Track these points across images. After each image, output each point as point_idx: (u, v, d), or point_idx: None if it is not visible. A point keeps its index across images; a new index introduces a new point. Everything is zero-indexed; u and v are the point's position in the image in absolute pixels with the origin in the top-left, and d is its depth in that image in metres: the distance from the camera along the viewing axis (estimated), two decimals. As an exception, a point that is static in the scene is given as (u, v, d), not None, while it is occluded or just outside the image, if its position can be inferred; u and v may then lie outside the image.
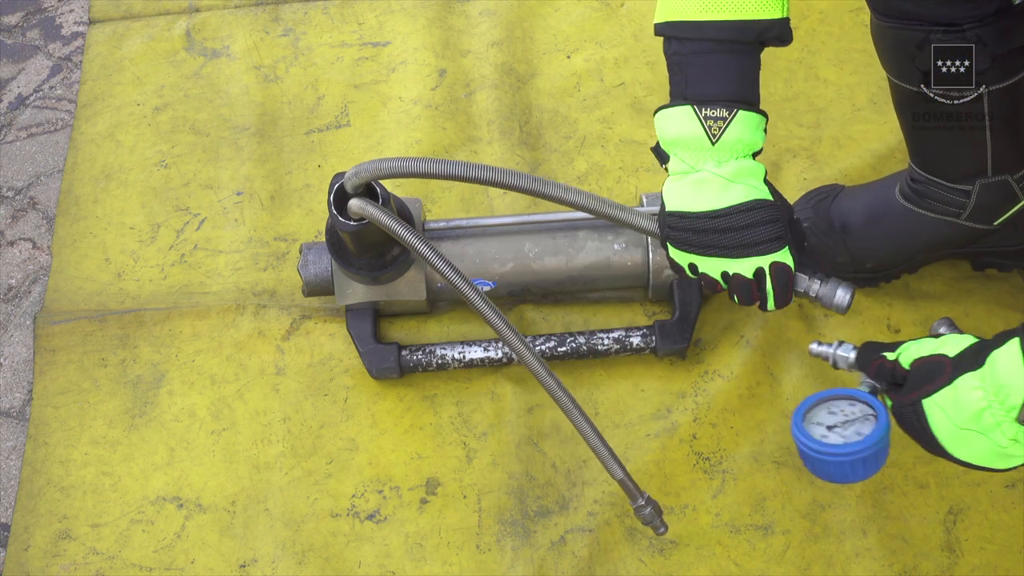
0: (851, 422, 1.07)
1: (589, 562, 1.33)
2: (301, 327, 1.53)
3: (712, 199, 1.12)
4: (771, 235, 1.12)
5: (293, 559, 1.36)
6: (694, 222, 1.13)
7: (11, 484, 1.44)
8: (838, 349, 1.14)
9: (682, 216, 1.14)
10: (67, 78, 1.86)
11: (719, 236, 1.12)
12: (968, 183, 1.36)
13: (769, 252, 1.13)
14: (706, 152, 1.13)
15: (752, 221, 1.12)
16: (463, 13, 1.87)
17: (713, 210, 1.12)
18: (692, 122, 1.13)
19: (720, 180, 1.12)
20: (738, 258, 1.13)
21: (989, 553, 1.32)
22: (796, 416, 1.09)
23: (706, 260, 1.15)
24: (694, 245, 1.14)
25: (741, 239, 1.12)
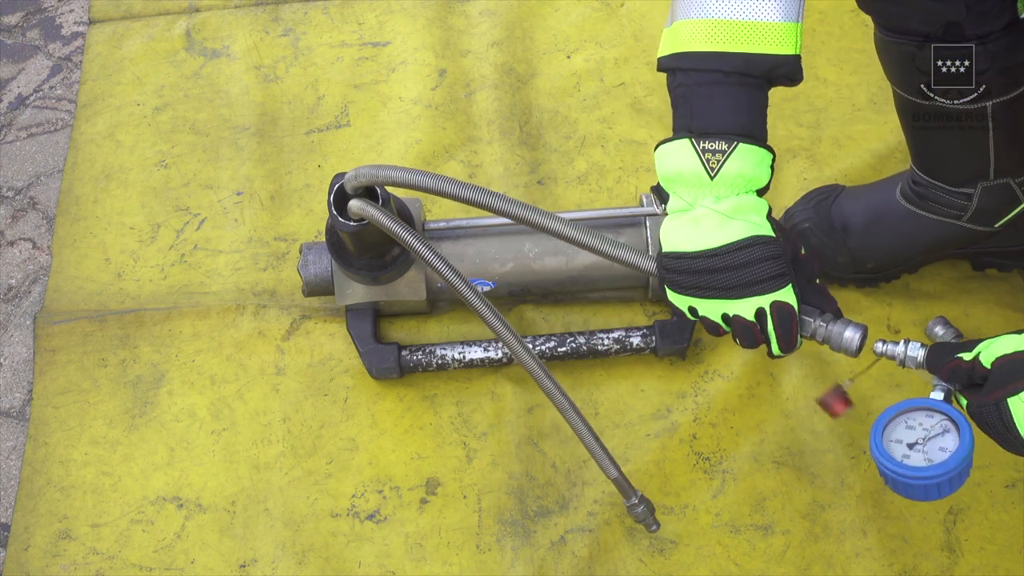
0: (932, 438, 1.04)
1: (589, 562, 1.33)
2: (301, 327, 1.53)
3: (708, 237, 1.05)
4: (770, 273, 1.05)
5: (293, 559, 1.36)
6: (690, 263, 1.06)
7: (11, 484, 1.44)
8: (907, 349, 1.07)
9: (678, 257, 1.07)
10: (67, 78, 1.86)
11: (715, 276, 1.05)
12: (970, 186, 1.36)
13: (769, 291, 1.05)
14: (704, 188, 1.07)
15: (749, 259, 1.05)
16: (463, 13, 1.87)
17: (708, 249, 1.05)
18: (690, 156, 1.07)
19: (717, 216, 1.06)
20: (736, 299, 1.06)
21: (989, 553, 1.32)
22: (875, 435, 1.04)
23: (704, 303, 1.08)
24: (691, 287, 1.07)
25: (738, 279, 1.05)
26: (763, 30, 1.06)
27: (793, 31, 1.07)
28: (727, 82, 1.07)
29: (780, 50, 1.07)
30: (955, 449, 1.01)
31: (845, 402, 1.15)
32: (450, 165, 1.69)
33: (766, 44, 1.06)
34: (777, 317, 1.06)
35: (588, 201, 1.64)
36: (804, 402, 1.43)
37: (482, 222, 1.48)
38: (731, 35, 1.06)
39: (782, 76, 1.08)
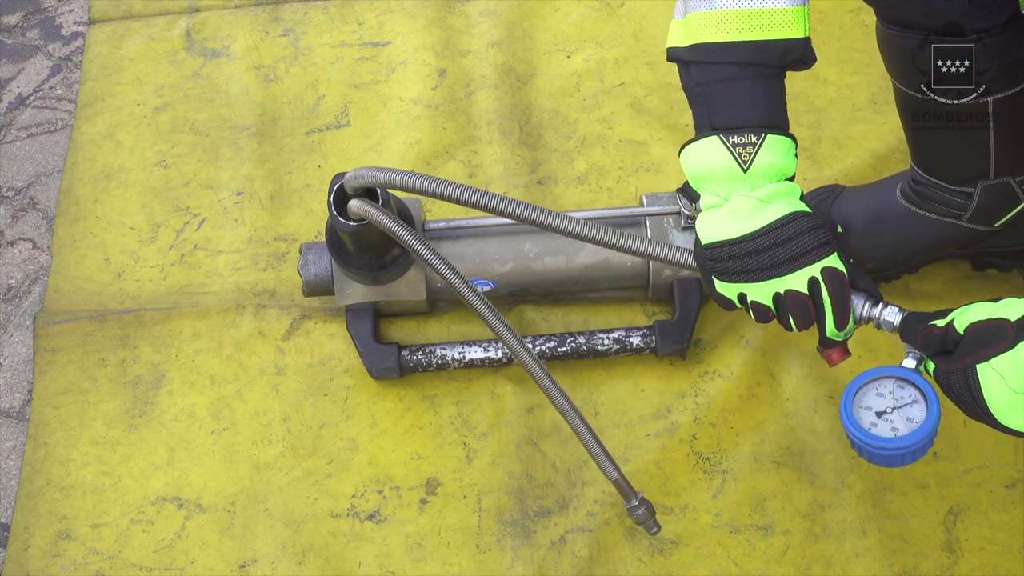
0: (900, 407, 1.05)
1: (589, 562, 1.33)
2: (301, 327, 1.53)
3: (748, 222, 1.07)
4: (817, 242, 1.06)
5: (293, 559, 1.36)
6: (735, 248, 1.07)
7: (11, 484, 1.44)
8: (884, 313, 1.07)
9: (721, 245, 1.08)
10: (67, 78, 1.86)
11: (764, 256, 1.06)
12: (970, 185, 1.36)
13: (818, 259, 1.06)
14: (738, 181, 1.08)
15: (793, 232, 1.06)
16: (463, 13, 1.87)
17: (751, 232, 1.06)
18: (721, 152, 1.08)
19: (755, 202, 1.07)
20: (788, 273, 1.06)
21: (989, 553, 1.31)
22: (846, 401, 1.06)
23: (755, 286, 1.08)
24: (740, 272, 1.08)
25: (786, 253, 1.06)
26: (772, 16, 1.08)
27: (801, 14, 1.10)
28: (744, 75, 1.09)
29: (791, 34, 1.09)
30: (921, 422, 1.03)
31: (844, 351, 1.15)
32: (450, 165, 1.69)
33: (776, 30, 1.09)
34: (830, 283, 1.06)
35: (588, 201, 1.64)
36: (804, 402, 1.43)
37: (482, 222, 1.48)
38: (742, 23, 1.08)
39: (795, 60, 1.11)
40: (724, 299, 1.13)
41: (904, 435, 1.03)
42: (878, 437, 1.03)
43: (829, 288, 1.06)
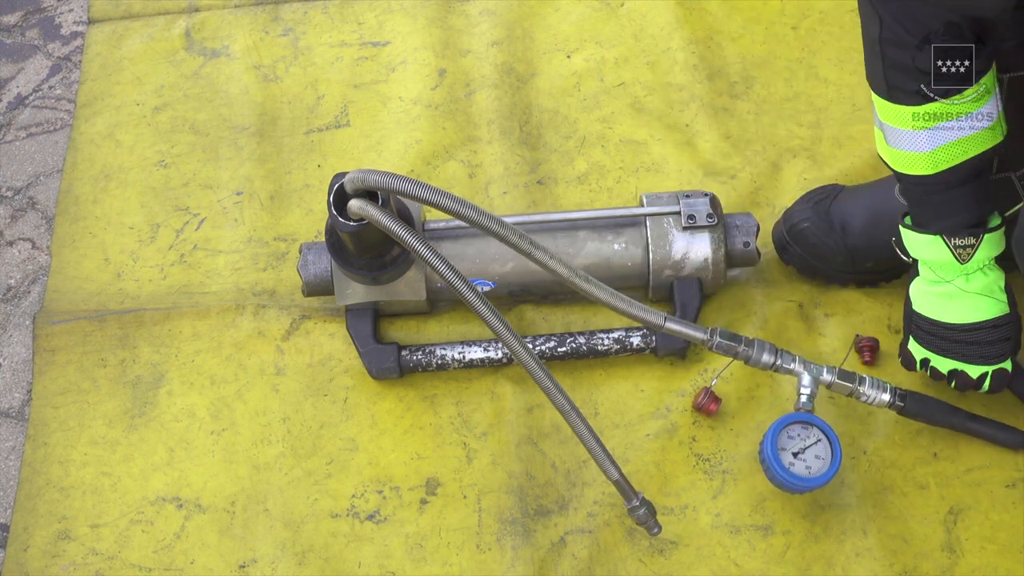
0: (808, 447, 1.29)
1: (589, 563, 1.33)
2: (301, 327, 1.52)
3: (963, 313, 1.28)
4: (1004, 351, 1.29)
5: (293, 559, 1.35)
6: (946, 331, 1.30)
7: (11, 484, 1.44)
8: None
9: (933, 323, 1.30)
10: (66, 78, 1.86)
11: (965, 347, 1.29)
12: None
13: (996, 363, 1.30)
14: (956, 270, 1.27)
15: (996, 338, 1.28)
16: (463, 13, 1.87)
17: (965, 323, 1.28)
18: (942, 250, 1.27)
19: (969, 297, 1.27)
20: (969, 363, 1.30)
21: (989, 553, 1.32)
22: (772, 447, 1.27)
23: (942, 360, 1.31)
24: (939, 348, 1.31)
25: (982, 352, 1.29)
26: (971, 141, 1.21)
27: (999, 125, 1.22)
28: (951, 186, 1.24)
29: (989, 145, 1.23)
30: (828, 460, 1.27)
31: (716, 400, 1.41)
32: (450, 165, 1.69)
33: (976, 148, 1.22)
34: (995, 380, 1.31)
35: (588, 201, 1.64)
36: (804, 402, 1.43)
37: (482, 222, 1.47)
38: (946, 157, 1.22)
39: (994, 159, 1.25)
40: (910, 357, 1.34)
41: (816, 475, 1.27)
42: (797, 476, 1.27)
43: (993, 384, 1.31)
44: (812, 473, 1.27)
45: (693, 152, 1.68)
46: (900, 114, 1.22)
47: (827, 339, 1.48)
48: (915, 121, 1.22)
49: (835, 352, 1.46)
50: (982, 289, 1.27)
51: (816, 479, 1.26)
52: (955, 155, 1.22)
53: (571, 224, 1.48)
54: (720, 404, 1.41)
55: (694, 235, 1.44)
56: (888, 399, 1.31)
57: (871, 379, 1.31)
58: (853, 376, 1.30)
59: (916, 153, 1.23)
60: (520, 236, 1.18)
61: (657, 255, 1.44)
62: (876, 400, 1.31)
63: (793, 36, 1.80)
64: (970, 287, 1.27)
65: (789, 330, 1.49)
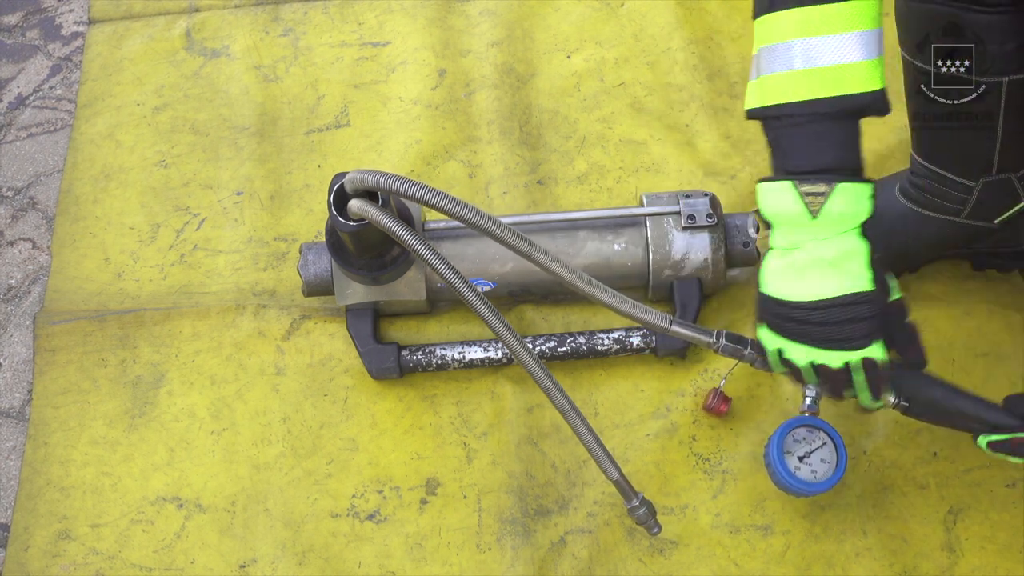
0: (814, 451, 1.27)
1: (589, 563, 1.33)
2: (301, 327, 1.53)
3: (812, 288, 1.10)
4: (863, 332, 1.11)
5: (293, 559, 1.36)
6: (792, 311, 1.12)
7: (11, 484, 1.44)
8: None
9: (779, 303, 1.13)
10: (67, 78, 1.86)
11: (813, 328, 1.11)
12: (971, 179, 1.35)
13: (860, 348, 1.12)
14: (807, 228, 1.10)
15: (848, 317, 1.10)
16: (463, 13, 1.87)
17: (810, 301, 1.10)
18: (792, 198, 1.10)
19: (821, 265, 1.10)
20: (827, 350, 1.12)
21: (989, 553, 1.32)
22: (777, 450, 1.25)
23: (796, 347, 1.14)
24: (787, 333, 1.14)
25: (834, 334, 1.11)
26: (846, 72, 1.08)
27: (876, 67, 1.09)
28: (819, 120, 1.09)
29: (865, 88, 1.08)
30: (833, 463, 1.26)
31: (726, 401, 1.40)
32: (450, 165, 1.69)
33: (851, 85, 1.08)
34: (866, 371, 1.13)
35: (588, 201, 1.64)
36: (804, 402, 1.43)
37: (482, 222, 1.47)
38: (816, 82, 1.08)
39: (872, 111, 1.10)
40: (760, 346, 1.20)
41: (822, 480, 1.25)
42: (802, 480, 1.25)
43: (867, 375, 1.13)
44: (818, 477, 1.25)
45: (693, 152, 1.68)
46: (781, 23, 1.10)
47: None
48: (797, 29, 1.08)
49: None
50: (836, 258, 1.09)
51: (822, 484, 1.25)
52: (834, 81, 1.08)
53: (571, 224, 1.48)
54: (730, 404, 1.41)
55: (694, 235, 1.44)
56: (893, 400, 1.29)
57: None
58: None
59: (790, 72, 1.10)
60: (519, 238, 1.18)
61: (657, 255, 1.44)
62: None
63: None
64: (822, 252, 1.09)
65: (789, 330, 1.49)
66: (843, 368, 1.13)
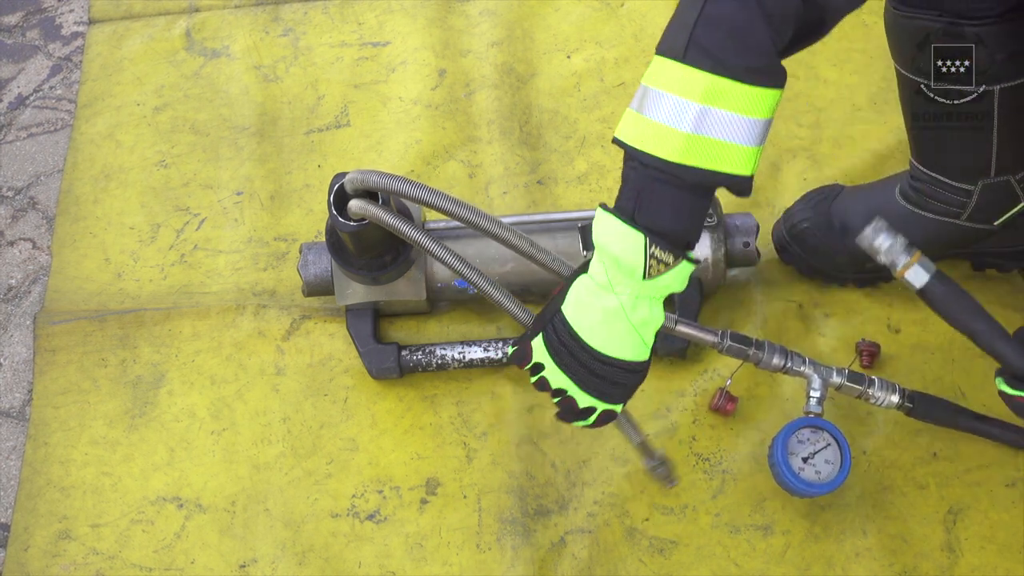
0: (818, 452, 1.27)
1: (589, 563, 1.33)
2: (301, 327, 1.53)
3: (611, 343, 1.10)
4: (621, 396, 1.14)
5: (293, 559, 1.36)
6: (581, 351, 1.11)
7: (11, 484, 1.44)
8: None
9: (574, 336, 1.11)
10: (67, 78, 1.86)
11: (588, 375, 1.11)
12: (970, 182, 1.35)
13: (606, 403, 1.14)
14: (632, 282, 1.08)
15: (625, 382, 1.12)
16: (463, 13, 1.87)
17: (606, 354, 1.10)
18: (639, 254, 1.07)
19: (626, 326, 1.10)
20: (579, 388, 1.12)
21: (989, 553, 1.32)
22: (781, 451, 1.26)
23: (554, 371, 1.13)
24: (560, 359, 1.12)
25: (604, 388, 1.12)
26: (729, 152, 1.05)
27: (755, 155, 1.07)
28: (687, 188, 1.06)
29: (739, 171, 1.06)
30: (837, 464, 1.26)
31: (732, 400, 1.40)
32: (450, 165, 1.69)
33: (728, 165, 1.05)
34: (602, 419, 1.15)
35: (588, 201, 1.64)
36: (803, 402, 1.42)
37: (482, 222, 1.47)
38: (701, 152, 1.04)
39: (734, 191, 1.08)
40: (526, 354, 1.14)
41: (826, 481, 1.26)
42: (807, 481, 1.26)
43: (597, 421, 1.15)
44: (822, 478, 1.26)
45: (693, 152, 1.68)
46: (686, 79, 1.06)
47: (826, 339, 1.48)
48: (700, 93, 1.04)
49: (835, 352, 1.46)
50: (640, 323, 1.10)
51: (826, 485, 1.25)
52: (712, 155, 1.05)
53: (571, 224, 1.48)
54: (737, 403, 1.40)
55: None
56: (897, 400, 1.29)
57: (880, 380, 1.29)
58: (863, 378, 1.29)
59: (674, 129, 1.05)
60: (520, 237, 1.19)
61: (657, 255, 1.44)
62: (885, 402, 1.29)
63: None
64: (633, 317, 1.09)
65: (789, 330, 1.49)
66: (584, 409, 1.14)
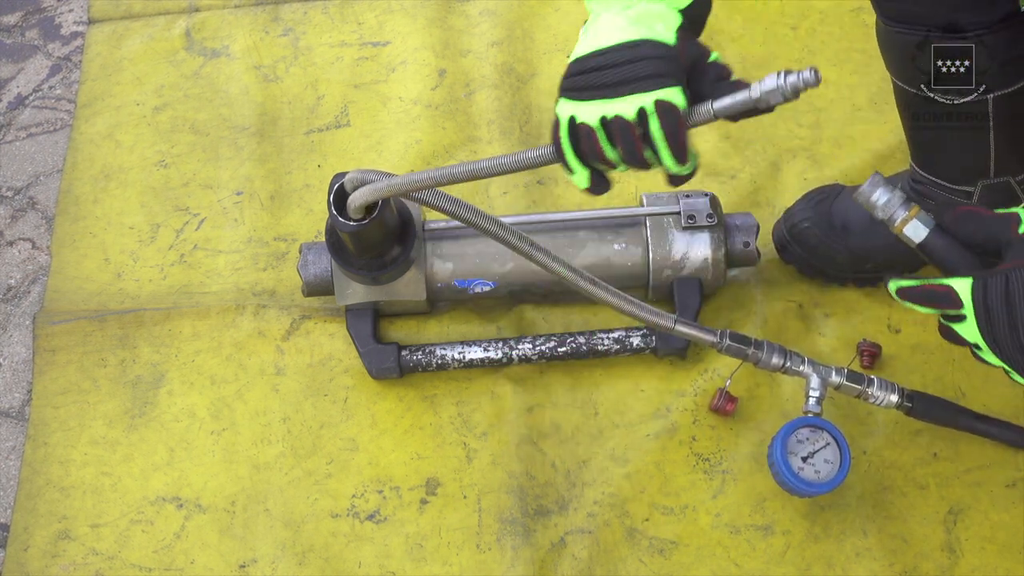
0: (817, 451, 1.28)
1: (589, 563, 1.33)
2: (301, 327, 1.52)
3: (603, 38, 0.99)
4: (655, 70, 0.97)
5: (293, 559, 1.36)
6: (581, 64, 1.00)
7: (11, 484, 1.44)
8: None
9: (574, 62, 1.00)
10: (66, 78, 1.86)
11: (600, 74, 0.98)
12: (970, 184, 1.36)
13: (652, 88, 0.97)
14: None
15: (635, 56, 0.97)
16: (463, 13, 1.87)
17: (600, 48, 0.98)
18: None
19: (621, 21, 0.99)
20: (616, 97, 0.98)
21: (989, 553, 1.32)
22: (780, 451, 1.26)
23: (584, 105, 1.00)
24: (578, 88, 1.00)
25: (622, 74, 0.97)
26: None
27: None
28: None
29: None
30: (837, 464, 1.26)
31: (732, 400, 1.40)
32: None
33: None
34: (661, 115, 0.97)
35: (588, 201, 1.64)
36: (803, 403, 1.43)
37: (482, 222, 1.47)
38: None
39: None
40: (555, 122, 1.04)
41: (826, 480, 1.26)
42: (806, 481, 1.26)
43: (661, 120, 0.98)
44: (821, 478, 1.26)
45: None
46: None
47: (827, 339, 1.48)
48: None
49: (835, 352, 1.46)
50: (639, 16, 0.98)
51: (825, 484, 1.26)
52: None
53: (571, 224, 1.48)
54: (737, 404, 1.40)
55: (694, 235, 1.44)
56: (896, 400, 1.29)
57: (879, 380, 1.29)
58: (862, 378, 1.29)
59: None
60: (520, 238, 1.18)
61: (657, 255, 1.44)
62: (884, 401, 1.29)
63: (793, 36, 1.80)
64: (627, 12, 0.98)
65: (789, 330, 1.49)
66: (637, 118, 0.98)
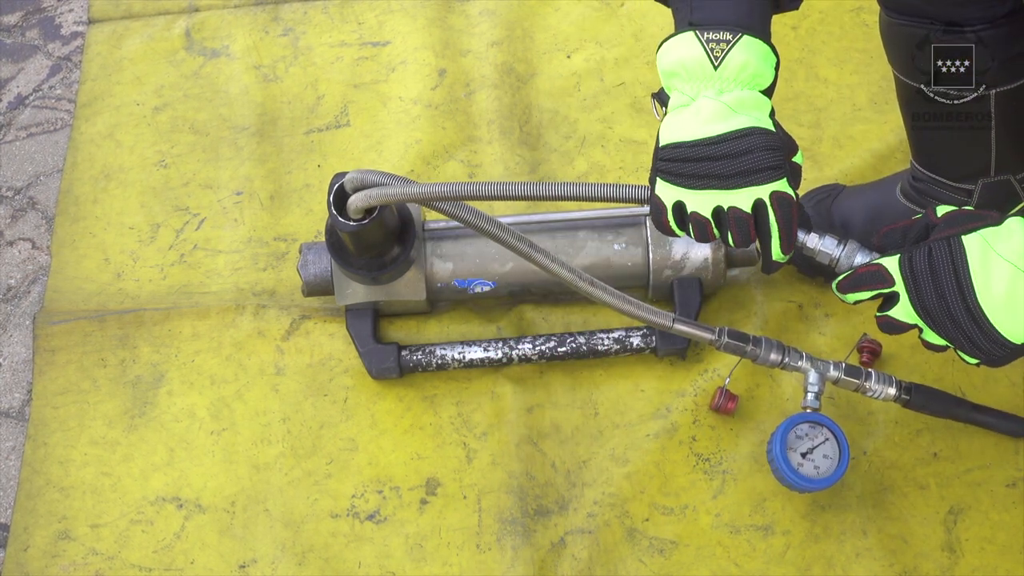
0: (817, 447, 1.28)
1: (589, 563, 1.33)
2: (301, 327, 1.52)
3: (709, 127, 1.01)
4: (772, 162, 1.01)
5: (293, 559, 1.35)
6: (688, 151, 1.01)
7: (11, 484, 1.44)
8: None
9: (676, 147, 1.02)
10: (66, 78, 1.86)
11: (713, 164, 1.00)
12: (970, 182, 1.36)
13: (769, 181, 1.01)
14: (708, 79, 1.02)
15: (751, 146, 1.00)
16: (463, 13, 1.87)
17: (708, 137, 1.00)
18: (693, 46, 1.02)
19: (720, 107, 1.01)
20: (733, 188, 1.01)
21: (989, 553, 1.32)
22: (780, 446, 1.26)
23: (697, 194, 1.02)
24: (685, 176, 1.02)
25: (737, 166, 1.00)
26: None
27: None
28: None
29: None
30: (836, 459, 1.27)
31: (733, 399, 1.40)
32: (450, 165, 1.69)
33: None
34: (778, 208, 1.02)
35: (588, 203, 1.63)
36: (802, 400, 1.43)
37: (482, 222, 1.47)
38: None
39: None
40: (660, 205, 1.05)
41: (825, 476, 1.26)
42: (805, 477, 1.26)
43: (777, 213, 1.02)
44: (821, 473, 1.26)
45: (693, 152, 1.68)
46: None
47: (827, 339, 1.48)
48: None
49: (835, 352, 1.46)
50: (736, 103, 1.01)
51: (825, 480, 1.26)
52: None
53: (571, 224, 1.48)
54: (737, 401, 1.40)
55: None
56: (894, 392, 1.28)
57: (877, 373, 1.28)
58: (859, 371, 1.28)
59: None
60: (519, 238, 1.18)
61: (657, 255, 1.44)
62: (882, 394, 1.28)
63: (793, 36, 1.80)
64: (723, 99, 1.01)
65: (789, 330, 1.49)
66: (752, 209, 1.02)
